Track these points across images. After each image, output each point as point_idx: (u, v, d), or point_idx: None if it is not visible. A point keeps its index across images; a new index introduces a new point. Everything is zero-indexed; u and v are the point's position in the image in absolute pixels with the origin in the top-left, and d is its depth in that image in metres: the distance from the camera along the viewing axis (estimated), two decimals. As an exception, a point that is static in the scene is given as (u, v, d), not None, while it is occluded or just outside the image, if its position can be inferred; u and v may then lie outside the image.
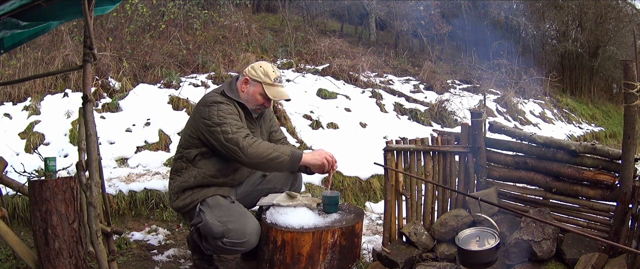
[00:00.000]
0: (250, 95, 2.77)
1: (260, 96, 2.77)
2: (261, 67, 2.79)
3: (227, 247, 2.63)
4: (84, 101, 2.22)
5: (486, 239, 2.66)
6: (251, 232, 2.63)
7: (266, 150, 2.55)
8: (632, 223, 2.59)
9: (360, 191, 4.91)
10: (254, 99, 2.78)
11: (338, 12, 13.23)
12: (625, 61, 2.55)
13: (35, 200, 2.18)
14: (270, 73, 2.77)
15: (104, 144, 4.82)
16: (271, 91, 2.76)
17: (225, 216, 2.63)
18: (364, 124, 6.70)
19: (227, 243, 2.61)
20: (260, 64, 2.83)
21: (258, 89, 2.76)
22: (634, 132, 2.58)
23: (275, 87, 2.78)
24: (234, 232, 2.60)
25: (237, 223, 2.62)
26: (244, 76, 2.79)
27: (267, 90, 2.75)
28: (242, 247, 2.65)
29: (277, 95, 2.78)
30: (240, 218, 2.66)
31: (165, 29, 7.18)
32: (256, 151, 2.53)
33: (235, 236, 2.60)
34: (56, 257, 2.17)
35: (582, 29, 14.32)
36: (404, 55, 11.40)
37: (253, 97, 2.77)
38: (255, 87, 2.76)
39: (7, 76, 5.57)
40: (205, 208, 2.67)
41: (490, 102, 9.36)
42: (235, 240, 2.60)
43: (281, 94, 2.80)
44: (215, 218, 2.61)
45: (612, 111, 14.48)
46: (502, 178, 3.21)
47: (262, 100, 2.78)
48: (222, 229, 2.59)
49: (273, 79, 2.76)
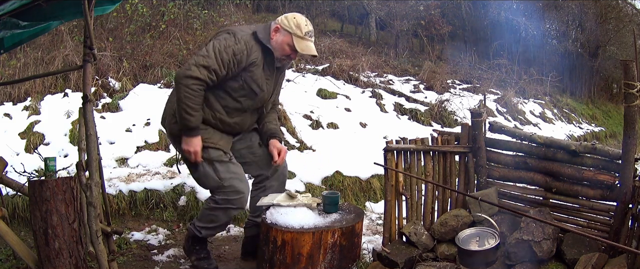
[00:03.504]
0: (278, 43, 2.78)
1: (287, 47, 2.77)
2: (295, 18, 2.79)
3: (221, 205, 2.79)
4: (84, 101, 2.23)
5: (486, 239, 2.67)
6: (244, 191, 2.79)
7: (189, 100, 2.61)
8: (632, 223, 2.59)
9: (360, 191, 4.91)
10: (281, 49, 2.78)
11: (338, 12, 13.24)
12: (625, 61, 2.55)
13: (35, 200, 2.18)
14: (303, 26, 2.76)
15: (104, 144, 4.81)
16: (300, 43, 2.76)
17: (222, 172, 2.76)
18: (364, 124, 6.70)
19: (220, 201, 2.78)
20: (294, 15, 2.83)
21: (287, 39, 2.76)
22: (634, 132, 2.58)
23: (305, 41, 2.77)
24: (229, 188, 2.75)
25: (233, 180, 2.76)
26: (276, 23, 2.80)
27: (296, 42, 2.75)
28: (234, 205, 2.80)
29: (305, 49, 2.78)
30: (236, 176, 2.79)
31: (165, 29, 7.17)
32: (186, 91, 2.60)
33: (229, 192, 2.75)
34: (56, 257, 2.17)
35: (582, 29, 14.32)
36: (404, 55, 11.40)
37: (281, 46, 2.78)
38: (285, 37, 2.76)
39: (7, 76, 5.57)
40: (206, 157, 2.75)
41: (490, 102, 9.36)
42: (229, 197, 2.76)
43: (309, 48, 2.79)
44: (213, 171, 2.75)
45: (612, 111, 14.48)
46: (502, 178, 3.21)
47: (289, 51, 2.79)
48: (218, 183, 2.75)
49: (304, 32, 2.76)
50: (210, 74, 2.64)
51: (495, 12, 12.41)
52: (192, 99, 2.63)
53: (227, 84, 2.75)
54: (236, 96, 2.79)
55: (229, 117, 2.84)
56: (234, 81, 2.75)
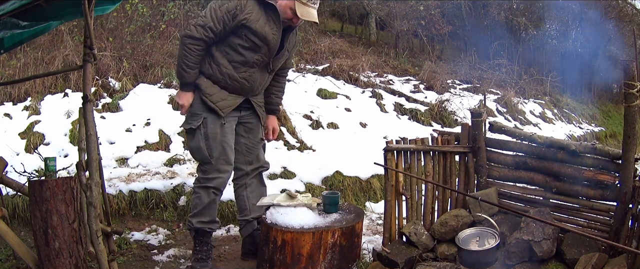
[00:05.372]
0: (281, 7, 2.87)
1: (289, 10, 2.85)
2: None
3: (201, 183, 2.99)
4: (84, 101, 2.22)
5: (486, 239, 2.67)
6: (224, 173, 3.00)
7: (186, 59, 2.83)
8: (632, 223, 2.59)
9: (360, 191, 4.91)
10: (284, 12, 2.87)
11: (338, 12, 13.23)
12: (625, 61, 2.55)
13: (35, 200, 2.18)
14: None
15: (104, 144, 4.81)
16: (301, 9, 2.82)
17: (214, 150, 2.94)
18: (364, 124, 6.70)
19: (201, 179, 3.00)
20: None
21: (290, 4, 2.84)
22: (634, 132, 2.58)
23: (306, 7, 2.83)
24: (214, 166, 2.95)
25: (219, 160, 2.95)
26: None
27: (297, 7, 2.82)
28: (211, 183, 2.96)
29: (306, 14, 2.83)
30: (223, 157, 2.97)
31: (165, 29, 7.16)
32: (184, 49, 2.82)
33: (212, 170, 2.96)
34: (56, 257, 2.17)
35: (582, 29, 14.31)
36: (404, 55, 11.39)
37: (284, 9, 2.86)
38: (288, 1, 2.84)
39: (7, 76, 5.56)
40: (202, 130, 2.92)
41: (490, 102, 9.36)
42: (209, 176, 2.96)
43: (310, 14, 2.85)
44: (206, 148, 2.93)
45: (612, 111, 14.46)
46: (502, 178, 3.21)
47: (291, 15, 2.86)
48: (206, 159, 2.95)
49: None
50: (206, 32, 2.80)
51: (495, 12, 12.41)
52: (189, 57, 2.83)
53: (229, 39, 2.88)
54: (240, 50, 2.89)
55: (236, 72, 2.93)
56: (235, 36, 2.87)
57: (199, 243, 3.01)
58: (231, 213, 4.04)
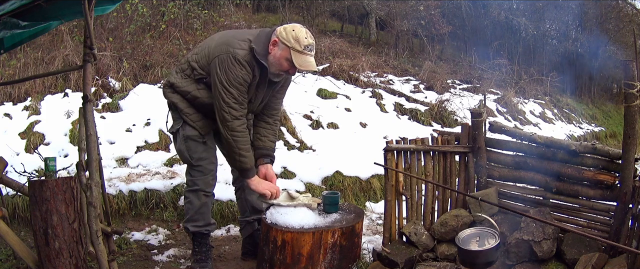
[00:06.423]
0: (276, 58, 2.65)
1: (286, 62, 2.64)
2: (294, 31, 2.63)
3: (190, 187, 2.94)
4: (84, 101, 2.22)
5: (486, 239, 2.66)
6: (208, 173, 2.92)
7: (239, 144, 2.71)
8: (632, 223, 2.59)
9: (360, 191, 4.91)
10: (279, 64, 2.66)
11: (338, 12, 13.24)
12: (625, 61, 2.55)
13: (35, 200, 2.18)
14: (302, 39, 2.60)
15: (104, 144, 4.81)
16: (298, 58, 2.61)
17: (194, 152, 2.87)
18: (364, 124, 6.70)
19: (189, 183, 2.95)
20: (294, 26, 2.66)
21: (285, 54, 2.62)
22: (634, 132, 2.58)
23: (304, 56, 2.62)
24: (197, 168, 2.89)
25: (201, 161, 2.89)
26: (275, 36, 2.65)
27: (294, 57, 2.60)
28: (198, 186, 2.90)
29: (304, 64, 2.63)
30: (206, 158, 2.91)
31: (165, 29, 7.17)
32: (233, 136, 2.70)
33: (196, 173, 2.90)
34: (56, 257, 2.18)
35: (582, 29, 14.32)
36: (404, 55, 11.40)
37: (278, 61, 2.65)
38: (283, 52, 2.62)
39: (7, 76, 5.56)
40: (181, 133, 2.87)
41: (490, 102, 9.36)
42: (194, 178, 2.91)
43: (308, 63, 2.64)
44: (186, 150, 2.88)
45: (612, 111, 14.47)
46: (502, 178, 3.21)
47: (287, 66, 2.65)
48: (188, 162, 2.90)
49: (303, 46, 2.60)
50: (242, 105, 2.69)
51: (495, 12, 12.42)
52: (241, 141, 2.71)
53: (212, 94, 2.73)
54: None
55: (211, 111, 2.80)
56: None
57: (198, 245, 3.02)
58: (231, 213, 4.05)
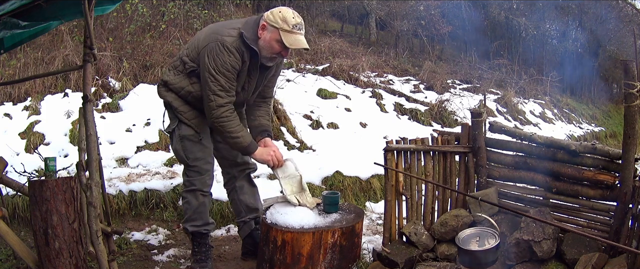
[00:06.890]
0: (266, 42, 2.67)
1: (276, 43, 2.65)
2: (280, 12, 2.64)
3: (187, 187, 2.95)
4: (84, 101, 2.22)
5: (486, 239, 2.66)
6: (205, 172, 2.93)
7: (227, 128, 2.70)
8: (632, 223, 2.58)
9: (360, 191, 4.90)
10: (270, 47, 2.67)
11: (338, 12, 13.24)
12: (625, 61, 2.55)
13: (35, 200, 2.18)
14: (289, 19, 2.62)
15: (104, 144, 4.81)
16: (288, 38, 2.62)
17: (189, 152, 2.89)
18: (364, 124, 6.71)
19: (186, 183, 2.96)
20: (280, 9, 2.68)
21: (275, 36, 2.63)
22: (634, 132, 2.58)
23: (293, 35, 2.63)
24: (193, 168, 2.91)
25: (198, 161, 2.91)
26: (263, 20, 2.67)
27: (284, 37, 2.61)
28: (195, 186, 2.93)
29: (294, 43, 2.64)
30: (202, 158, 2.92)
31: (165, 29, 7.16)
32: (220, 122, 2.70)
33: (192, 172, 2.92)
34: (56, 257, 2.18)
35: (582, 29, 14.32)
36: (404, 55, 11.40)
37: (269, 44, 2.66)
38: (272, 34, 2.64)
39: (7, 76, 5.56)
40: (177, 133, 2.89)
41: (490, 102, 9.36)
42: (191, 178, 2.93)
43: (299, 42, 2.65)
44: (182, 149, 2.89)
45: (612, 111, 14.48)
46: (502, 178, 3.21)
47: (279, 48, 2.66)
48: (184, 162, 2.92)
49: (291, 25, 2.62)
50: (229, 93, 2.69)
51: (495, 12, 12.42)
52: (230, 123, 2.70)
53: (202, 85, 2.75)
54: None
55: None
56: None
57: (197, 245, 3.02)
58: (231, 213, 4.04)
